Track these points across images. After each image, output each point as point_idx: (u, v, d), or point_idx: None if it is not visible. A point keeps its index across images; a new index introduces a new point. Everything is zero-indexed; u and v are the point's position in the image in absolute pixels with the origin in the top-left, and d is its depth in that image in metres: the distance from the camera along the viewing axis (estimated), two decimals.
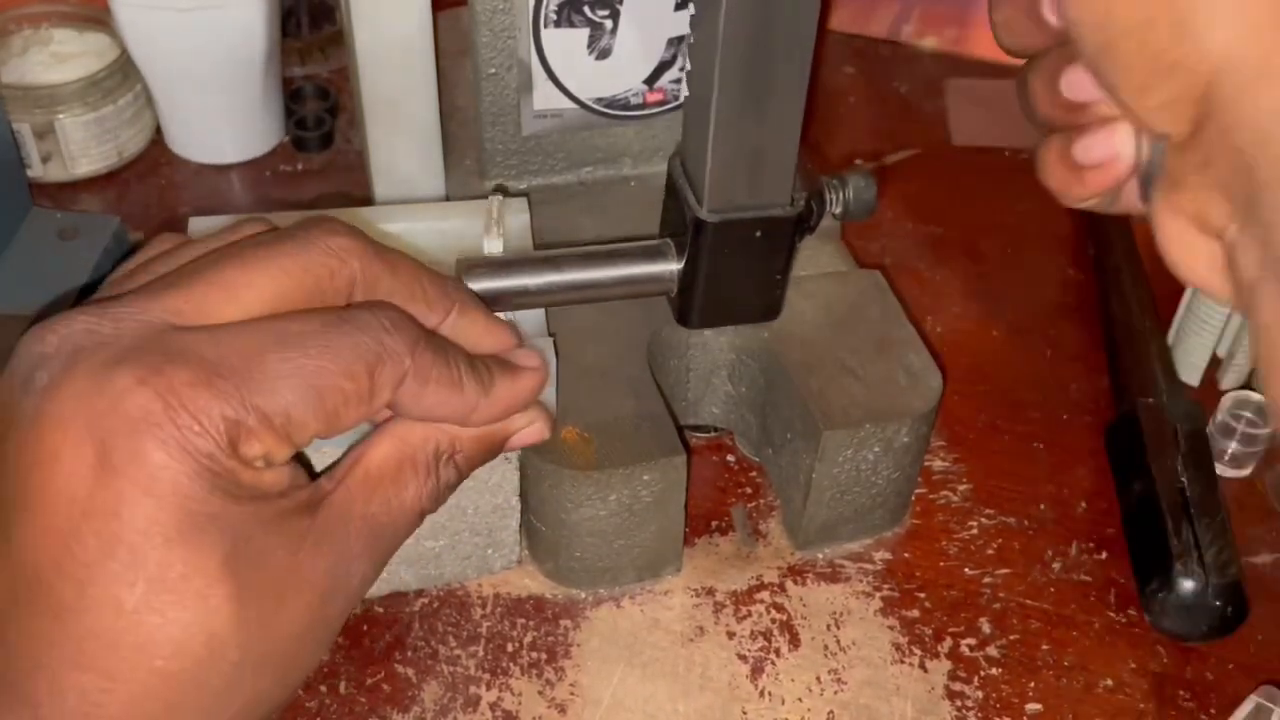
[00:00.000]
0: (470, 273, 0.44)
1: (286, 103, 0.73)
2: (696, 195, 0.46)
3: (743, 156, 0.44)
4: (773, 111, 0.43)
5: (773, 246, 0.47)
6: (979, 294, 0.66)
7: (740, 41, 0.41)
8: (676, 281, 0.47)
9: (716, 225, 0.45)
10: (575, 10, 0.53)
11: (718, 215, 0.45)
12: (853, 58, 0.80)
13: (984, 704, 0.48)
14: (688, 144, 0.47)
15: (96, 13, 0.70)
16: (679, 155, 0.47)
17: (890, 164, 0.72)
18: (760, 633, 0.50)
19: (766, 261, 0.47)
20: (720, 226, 0.45)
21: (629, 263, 0.47)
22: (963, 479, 0.57)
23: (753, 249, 0.47)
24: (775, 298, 0.49)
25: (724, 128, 0.43)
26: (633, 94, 0.57)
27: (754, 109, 0.43)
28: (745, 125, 0.43)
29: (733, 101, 0.43)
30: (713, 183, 0.45)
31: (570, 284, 0.46)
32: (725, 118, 0.43)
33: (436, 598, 0.51)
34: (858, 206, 0.48)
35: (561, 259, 0.46)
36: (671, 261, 0.47)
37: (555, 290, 0.46)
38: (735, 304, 0.49)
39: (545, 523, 0.49)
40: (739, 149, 0.44)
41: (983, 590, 0.52)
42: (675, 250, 0.47)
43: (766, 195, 0.46)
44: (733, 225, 0.46)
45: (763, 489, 0.56)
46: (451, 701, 0.47)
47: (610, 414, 0.49)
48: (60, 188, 0.69)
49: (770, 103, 0.43)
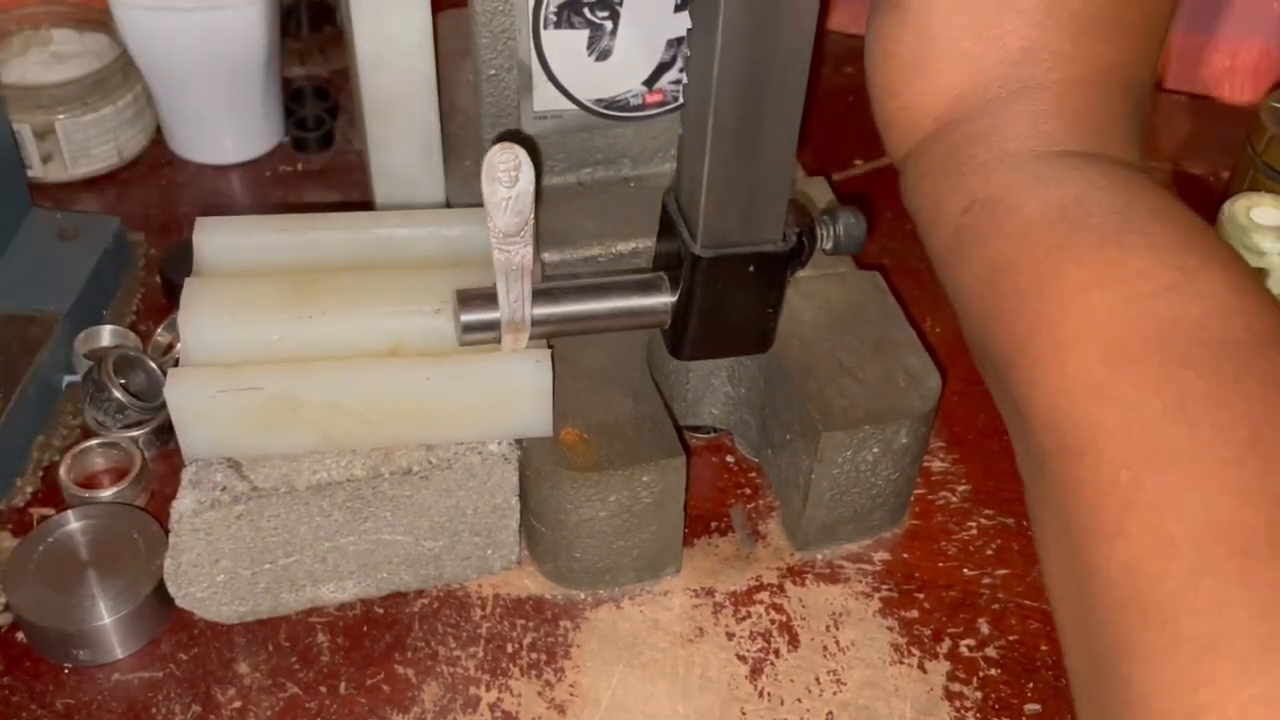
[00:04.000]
0: (467, 304, 0.45)
1: (286, 103, 0.73)
2: (691, 231, 0.47)
3: (736, 194, 0.45)
4: (766, 151, 0.44)
5: (765, 281, 0.48)
6: None
7: (734, 83, 0.42)
8: (670, 314, 0.48)
9: (710, 260, 0.46)
10: (575, 11, 0.53)
11: (711, 250, 0.46)
12: (853, 58, 0.80)
13: (983, 704, 0.48)
14: (682, 181, 0.47)
15: (96, 13, 0.70)
16: (673, 191, 0.48)
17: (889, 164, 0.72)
18: (759, 633, 0.50)
19: (759, 296, 0.48)
20: (714, 262, 0.46)
21: (623, 296, 0.48)
22: (962, 479, 0.57)
23: (745, 283, 0.47)
24: (767, 331, 0.50)
25: (718, 167, 0.44)
26: (632, 95, 0.57)
27: (748, 146, 0.44)
28: (739, 164, 0.44)
29: (727, 141, 0.44)
30: (707, 219, 0.45)
31: (565, 316, 0.47)
32: (720, 157, 0.44)
33: (436, 598, 0.51)
34: (848, 241, 0.49)
35: (556, 291, 0.47)
36: (665, 295, 0.48)
37: (550, 322, 0.47)
38: (728, 337, 0.50)
39: (545, 523, 0.49)
40: (733, 187, 0.45)
41: (982, 591, 0.52)
42: (669, 284, 0.48)
43: (759, 231, 0.46)
44: (726, 260, 0.46)
45: (762, 489, 0.56)
46: (451, 702, 0.47)
47: (610, 415, 0.49)
48: (60, 188, 0.69)
49: (764, 142, 0.44)
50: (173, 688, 0.48)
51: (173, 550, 0.46)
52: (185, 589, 0.47)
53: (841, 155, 0.73)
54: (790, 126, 0.44)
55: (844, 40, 0.81)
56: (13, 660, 0.48)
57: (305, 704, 0.47)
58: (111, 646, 0.48)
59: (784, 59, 0.42)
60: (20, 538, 0.51)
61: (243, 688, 0.48)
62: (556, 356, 0.48)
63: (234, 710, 0.47)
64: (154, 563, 0.48)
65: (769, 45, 0.41)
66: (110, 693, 0.47)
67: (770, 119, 0.43)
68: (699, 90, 0.43)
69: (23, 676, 0.48)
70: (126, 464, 0.54)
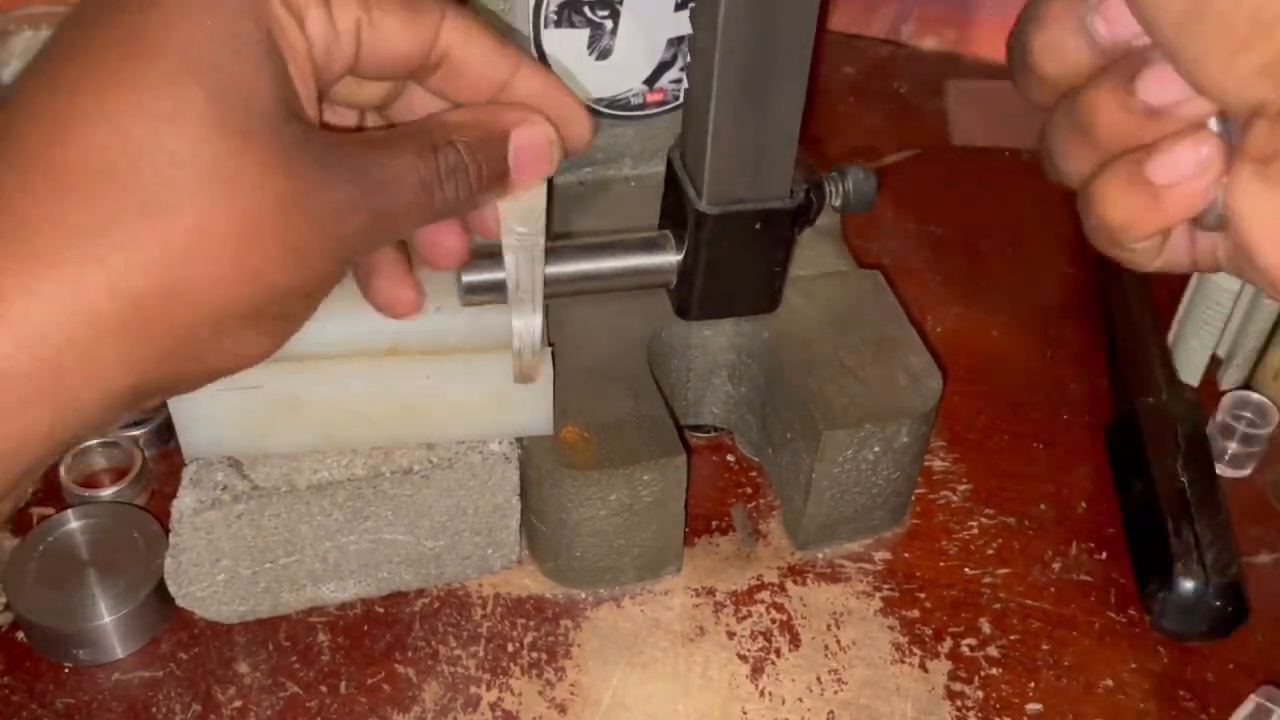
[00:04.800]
0: (471, 264, 0.44)
1: None
2: (696, 188, 0.46)
3: (742, 150, 0.44)
4: (773, 105, 0.44)
5: (772, 238, 0.47)
6: (979, 294, 0.66)
7: (740, 35, 0.41)
8: (676, 273, 0.47)
9: (716, 217, 0.45)
10: (575, 11, 0.53)
11: (717, 207, 0.45)
12: (853, 58, 0.80)
13: (984, 704, 0.48)
14: (687, 137, 0.46)
15: None
16: (679, 147, 0.47)
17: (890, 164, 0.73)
18: (760, 633, 0.50)
19: (766, 253, 0.48)
20: (720, 219, 0.45)
21: (629, 254, 0.47)
22: (963, 479, 0.57)
23: (752, 241, 0.47)
24: (774, 289, 0.49)
25: (724, 122, 0.43)
26: (633, 94, 0.57)
27: (754, 103, 0.43)
28: (745, 119, 0.43)
29: (732, 95, 0.43)
30: (712, 176, 0.45)
31: (570, 275, 0.46)
32: (725, 112, 0.43)
33: (437, 598, 0.51)
34: (857, 199, 0.48)
35: (562, 250, 0.46)
36: (671, 253, 0.47)
37: (555, 282, 0.46)
38: (734, 295, 0.49)
39: (545, 523, 0.49)
40: (739, 142, 0.44)
41: (983, 590, 0.52)
42: (675, 242, 0.47)
43: (766, 188, 0.46)
44: (732, 217, 0.46)
45: (763, 489, 0.56)
46: (452, 701, 0.47)
47: (610, 414, 0.49)
48: None
49: (770, 96, 0.43)
50: (173, 687, 0.47)
51: (173, 549, 0.46)
52: (185, 588, 0.47)
53: (841, 155, 0.73)
54: (798, 78, 0.43)
55: (844, 40, 0.81)
56: (13, 660, 0.48)
57: (305, 703, 0.47)
58: (111, 646, 0.48)
59: (791, 10, 0.41)
60: (20, 537, 0.51)
61: (243, 687, 0.48)
62: (557, 355, 0.48)
63: (234, 710, 0.47)
64: (154, 562, 0.48)
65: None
66: (110, 692, 0.47)
67: (777, 73, 0.43)
68: (704, 43, 0.43)
69: (23, 676, 0.48)
70: (127, 463, 0.54)
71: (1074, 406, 0.60)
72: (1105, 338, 0.62)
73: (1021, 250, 0.68)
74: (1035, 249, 0.69)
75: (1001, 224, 0.70)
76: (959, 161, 0.74)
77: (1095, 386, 0.61)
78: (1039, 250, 0.69)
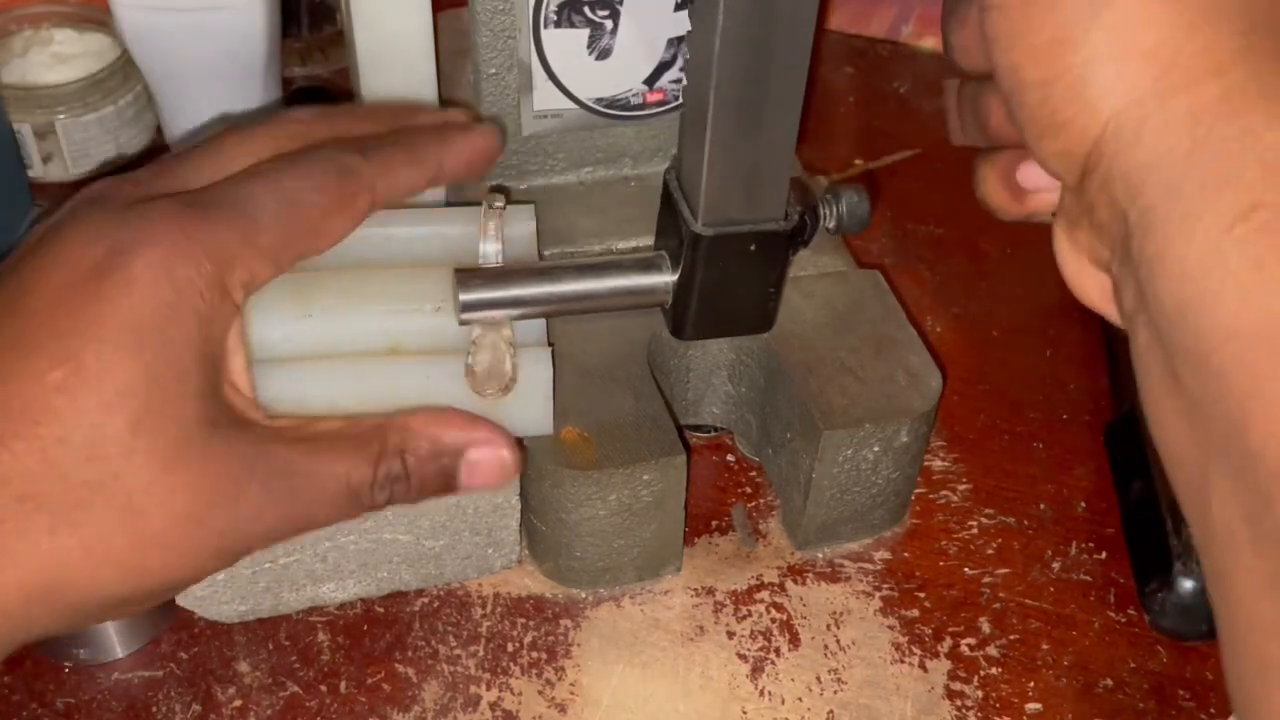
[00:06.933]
0: (466, 283, 0.45)
1: (287, 103, 0.73)
2: (691, 209, 0.46)
3: (738, 172, 0.45)
4: (768, 128, 0.44)
5: (767, 260, 0.47)
6: (979, 294, 0.66)
7: (736, 59, 0.42)
8: (671, 293, 0.48)
9: (711, 239, 0.46)
10: (575, 10, 0.53)
11: (713, 229, 0.46)
12: (852, 58, 0.80)
13: (984, 704, 0.48)
14: (683, 158, 0.47)
15: (96, 13, 0.70)
16: (674, 169, 0.48)
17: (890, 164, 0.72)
18: (760, 632, 0.50)
19: (761, 275, 0.48)
20: (715, 240, 0.46)
21: (624, 274, 0.48)
22: (962, 479, 0.57)
23: (747, 262, 0.47)
24: (769, 310, 0.50)
25: (720, 144, 0.44)
26: (633, 94, 0.57)
27: (749, 126, 0.44)
28: (741, 141, 0.44)
29: (728, 118, 0.43)
30: (708, 197, 0.45)
31: (565, 295, 0.46)
32: (721, 134, 0.44)
33: (436, 597, 0.51)
34: (851, 220, 0.49)
35: (557, 270, 0.46)
36: (666, 274, 0.48)
37: (550, 301, 0.46)
38: (729, 316, 0.49)
39: (545, 522, 0.49)
40: (734, 164, 0.45)
41: (983, 590, 0.52)
42: (670, 263, 0.48)
43: (761, 210, 0.46)
44: (727, 239, 0.46)
45: (763, 489, 0.56)
46: (451, 701, 0.47)
47: (610, 414, 0.49)
48: (61, 188, 0.69)
49: (766, 119, 0.44)
50: (173, 687, 0.48)
51: None
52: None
53: (841, 155, 0.73)
54: (793, 102, 0.44)
55: (844, 40, 0.81)
56: (13, 659, 0.48)
57: (305, 703, 0.47)
58: (112, 645, 0.48)
59: (787, 33, 0.41)
60: None
61: (243, 687, 0.48)
62: (557, 355, 0.48)
63: (234, 709, 0.47)
64: None
65: (772, 18, 0.41)
66: (110, 692, 0.47)
67: (773, 95, 0.43)
68: (701, 64, 0.43)
69: (23, 676, 0.48)
70: None
71: (1074, 406, 0.60)
72: (1105, 338, 0.62)
73: (1021, 250, 0.68)
74: (1035, 249, 0.68)
75: (1001, 224, 0.69)
76: (959, 161, 0.74)
77: (1095, 386, 0.61)
78: (1039, 250, 0.68)
